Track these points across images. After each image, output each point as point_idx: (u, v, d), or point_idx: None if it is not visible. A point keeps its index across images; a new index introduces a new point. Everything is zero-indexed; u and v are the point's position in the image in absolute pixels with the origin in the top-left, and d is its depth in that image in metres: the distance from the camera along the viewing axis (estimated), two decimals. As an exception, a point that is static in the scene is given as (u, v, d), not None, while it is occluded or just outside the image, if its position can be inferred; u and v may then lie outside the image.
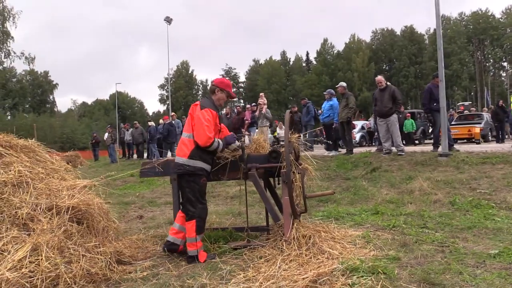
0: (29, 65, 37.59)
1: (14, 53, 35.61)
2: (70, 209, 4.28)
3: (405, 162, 8.94)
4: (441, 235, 4.47)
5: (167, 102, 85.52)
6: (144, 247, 4.97)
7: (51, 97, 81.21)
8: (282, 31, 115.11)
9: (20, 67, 77.38)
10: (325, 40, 76.98)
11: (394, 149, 9.92)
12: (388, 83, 10.16)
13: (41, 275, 3.47)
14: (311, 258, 3.81)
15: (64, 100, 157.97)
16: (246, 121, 15.80)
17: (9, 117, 63.70)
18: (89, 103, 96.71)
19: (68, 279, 3.64)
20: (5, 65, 36.10)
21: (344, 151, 11.80)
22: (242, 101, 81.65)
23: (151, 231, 5.76)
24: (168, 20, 41.34)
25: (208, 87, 4.73)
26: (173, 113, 19.36)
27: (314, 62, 79.20)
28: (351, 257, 3.78)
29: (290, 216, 4.26)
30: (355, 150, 12.18)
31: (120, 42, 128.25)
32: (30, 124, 49.75)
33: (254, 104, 16.03)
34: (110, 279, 3.99)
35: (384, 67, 74.42)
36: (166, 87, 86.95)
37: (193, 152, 4.22)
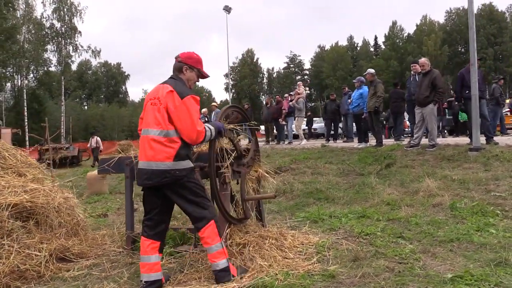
0: (95, 58, 39.64)
1: (82, 46, 37.73)
2: (11, 206, 4.22)
3: (431, 157, 8.02)
4: (410, 249, 3.81)
5: (232, 90, 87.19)
6: (102, 243, 4.85)
7: (123, 87, 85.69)
8: (349, 15, 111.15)
9: (95, 60, 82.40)
10: (394, 23, 72.96)
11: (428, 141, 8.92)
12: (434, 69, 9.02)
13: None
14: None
15: (136, 91, 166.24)
16: (284, 111, 15.34)
17: (86, 107, 68.54)
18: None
19: None
20: (73, 58, 38.10)
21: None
22: (307, 88, 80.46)
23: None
24: (227, 9, 41.40)
25: (175, 64, 3.49)
26: (213, 103, 19.29)
27: (383, 47, 75.59)
28: (279, 270, 3.33)
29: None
30: (387, 142, 11.26)
31: (190, 32, 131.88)
32: (100, 114, 53.31)
33: (291, 93, 15.48)
34: (43, 276, 3.90)
35: (459, 49, 68.94)
36: (231, 75, 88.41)
37: (180, 151, 3.21)
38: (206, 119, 18.50)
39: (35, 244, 4.25)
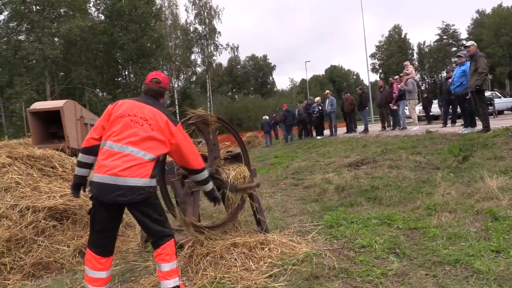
0: (234, 53, 42.24)
1: (221, 45, 40.71)
2: (46, 209, 4.94)
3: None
4: (386, 270, 3.26)
5: (379, 70, 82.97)
6: (125, 242, 5.30)
7: (270, 78, 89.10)
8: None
9: (243, 54, 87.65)
10: None
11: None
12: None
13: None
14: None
15: (283, 79, 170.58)
16: (394, 94, 14.14)
17: (236, 99, 73.50)
18: (307, 79, 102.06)
19: (14, 266, 4.35)
20: (214, 57, 41.48)
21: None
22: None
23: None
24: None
25: (146, 87, 3.38)
26: (328, 91, 18.66)
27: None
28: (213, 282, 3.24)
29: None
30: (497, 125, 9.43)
31: (339, 14, 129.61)
32: (245, 105, 56.60)
33: (396, 76, 14.15)
34: (64, 267, 4.53)
35: None
36: (377, 55, 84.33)
37: (154, 169, 3.15)
38: (320, 108, 18.17)
39: (67, 240, 4.94)
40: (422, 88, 77.55)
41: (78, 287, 3.90)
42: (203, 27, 40.94)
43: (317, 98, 18.69)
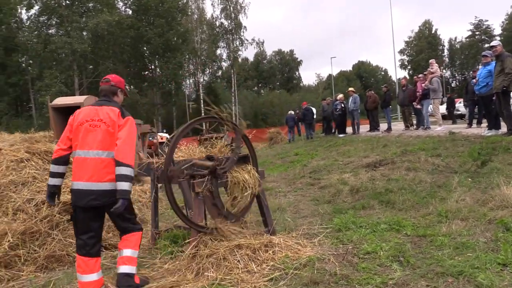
0: (260, 49, 42.25)
1: (247, 40, 40.77)
2: (61, 203, 5.08)
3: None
4: (386, 279, 3.21)
5: (408, 67, 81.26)
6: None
7: (296, 73, 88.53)
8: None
9: (270, 49, 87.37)
10: None
11: None
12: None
13: (3, 252, 4.39)
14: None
15: (309, 75, 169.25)
16: (418, 93, 13.82)
17: (262, 94, 73.47)
18: (334, 75, 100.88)
19: (28, 258, 4.53)
20: (240, 52, 41.65)
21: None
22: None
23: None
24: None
25: (100, 89, 3.68)
26: (350, 89, 18.36)
27: None
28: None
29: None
30: None
31: (367, 9, 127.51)
32: (270, 100, 56.55)
33: (421, 75, 13.81)
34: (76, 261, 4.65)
35: None
36: (406, 51, 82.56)
37: None
38: (343, 105, 17.94)
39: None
40: (453, 85, 75.67)
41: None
42: (229, 21, 41.09)
43: (340, 96, 18.44)
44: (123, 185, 3.23)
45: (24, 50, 34.47)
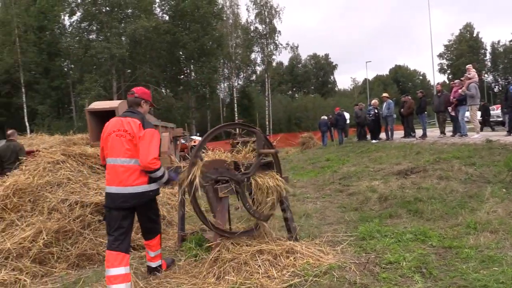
0: (294, 53, 42.25)
1: (281, 44, 40.88)
2: (93, 204, 5.30)
3: None
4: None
5: (448, 71, 78.87)
6: (167, 239, 5.53)
7: (331, 77, 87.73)
8: None
9: (305, 53, 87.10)
10: None
11: None
12: None
13: (37, 249, 4.63)
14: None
15: (344, 79, 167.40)
16: (453, 99, 13.43)
17: (296, 98, 73.27)
18: (370, 79, 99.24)
19: (60, 256, 4.78)
20: (274, 57, 41.80)
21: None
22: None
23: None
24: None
25: (126, 101, 4.12)
26: (384, 94, 18.03)
27: None
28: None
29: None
30: None
31: (408, 11, 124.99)
32: (304, 105, 56.30)
33: (456, 81, 13.41)
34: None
35: None
36: (446, 55, 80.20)
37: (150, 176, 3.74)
38: (376, 111, 17.66)
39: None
40: (495, 91, 72.89)
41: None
42: (264, 26, 41.33)
43: (374, 101, 18.16)
44: (161, 181, 3.78)
45: (66, 55, 36.03)
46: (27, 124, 32.35)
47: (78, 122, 32.33)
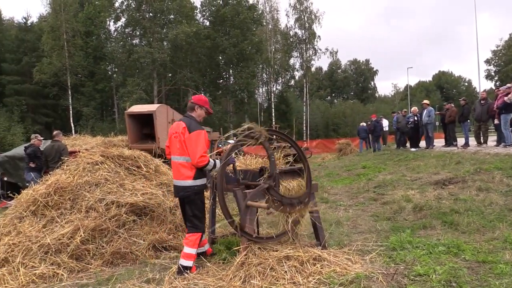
0: (333, 58, 41.90)
1: (320, 49, 40.64)
2: (128, 204, 5.49)
3: None
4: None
5: (495, 78, 75.59)
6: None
7: (372, 83, 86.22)
8: None
9: (345, 58, 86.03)
10: None
11: None
12: None
13: (75, 246, 4.87)
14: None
15: (385, 85, 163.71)
16: (495, 108, 12.89)
17: (335, 103, 72.60)
18: (412, 85, 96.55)
19: (96, 253, 5.00)
20: (313, 62, 41.61)
21: None
22: None
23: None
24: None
25: (188, 105, 4.65)
26: (425, 101, 17.53)
27: None
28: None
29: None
30: None
31: (454, 15, 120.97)
32: (342, 111, 55.64)
33: (501, 88, 12.85)
34: (138, 259, 5.06)
35: None
36: (494, 61, 76.92)
37: (196, 172, 4.30)
38: (416, 118, 17.22)
39: (144, 234, 5.45)
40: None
41: (145, 278, 4.29)
42: (303, 31, 41.25)
43: (414, 108, 17.72)
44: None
45: (110, 59, 37.43)
46: (72, 125, 33.77)
47: (119, 124, 33.43)
